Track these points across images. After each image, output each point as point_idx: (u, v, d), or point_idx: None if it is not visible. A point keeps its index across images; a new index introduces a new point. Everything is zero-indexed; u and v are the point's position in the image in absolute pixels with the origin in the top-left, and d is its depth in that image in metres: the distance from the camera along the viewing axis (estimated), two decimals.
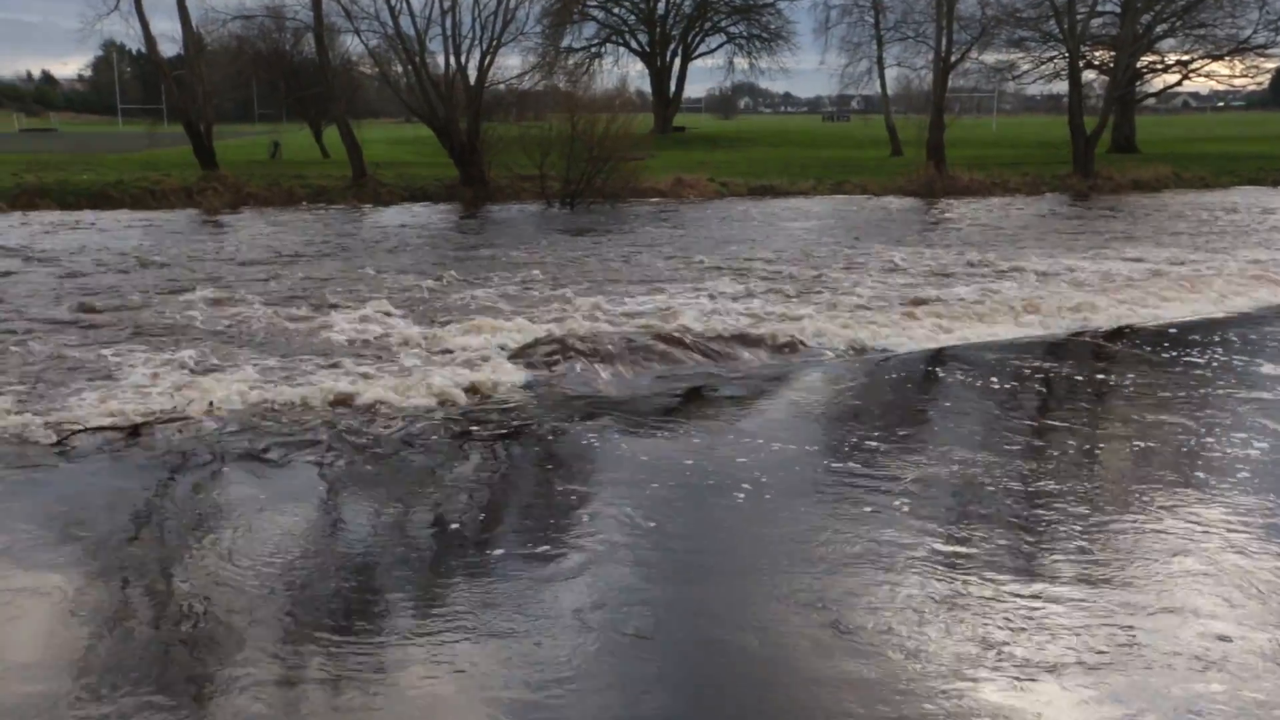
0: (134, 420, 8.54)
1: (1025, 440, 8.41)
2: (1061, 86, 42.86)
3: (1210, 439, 8.13)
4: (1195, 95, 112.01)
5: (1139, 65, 44.70)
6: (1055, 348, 11.93)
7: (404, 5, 30.98)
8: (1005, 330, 12.59)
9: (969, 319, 12.92)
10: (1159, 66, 48.39)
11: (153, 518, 6.81)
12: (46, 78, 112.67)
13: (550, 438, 8.44)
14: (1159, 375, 10.41)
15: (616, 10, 64.68)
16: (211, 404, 8.95)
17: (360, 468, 7.67)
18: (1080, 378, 10.46)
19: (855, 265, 17.41)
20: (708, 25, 66.19)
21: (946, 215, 27.01)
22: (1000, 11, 40.00)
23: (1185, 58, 47.61)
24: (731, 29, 66.63)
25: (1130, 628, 5.09)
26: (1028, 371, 10.74)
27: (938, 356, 11.42)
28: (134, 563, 6.00)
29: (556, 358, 10.63)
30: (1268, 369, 10.56)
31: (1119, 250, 19.47)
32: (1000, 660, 4.79)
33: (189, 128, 33.92)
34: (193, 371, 10.04)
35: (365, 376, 9.88)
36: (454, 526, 6.60)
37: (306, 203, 28.91)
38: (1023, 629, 5.08)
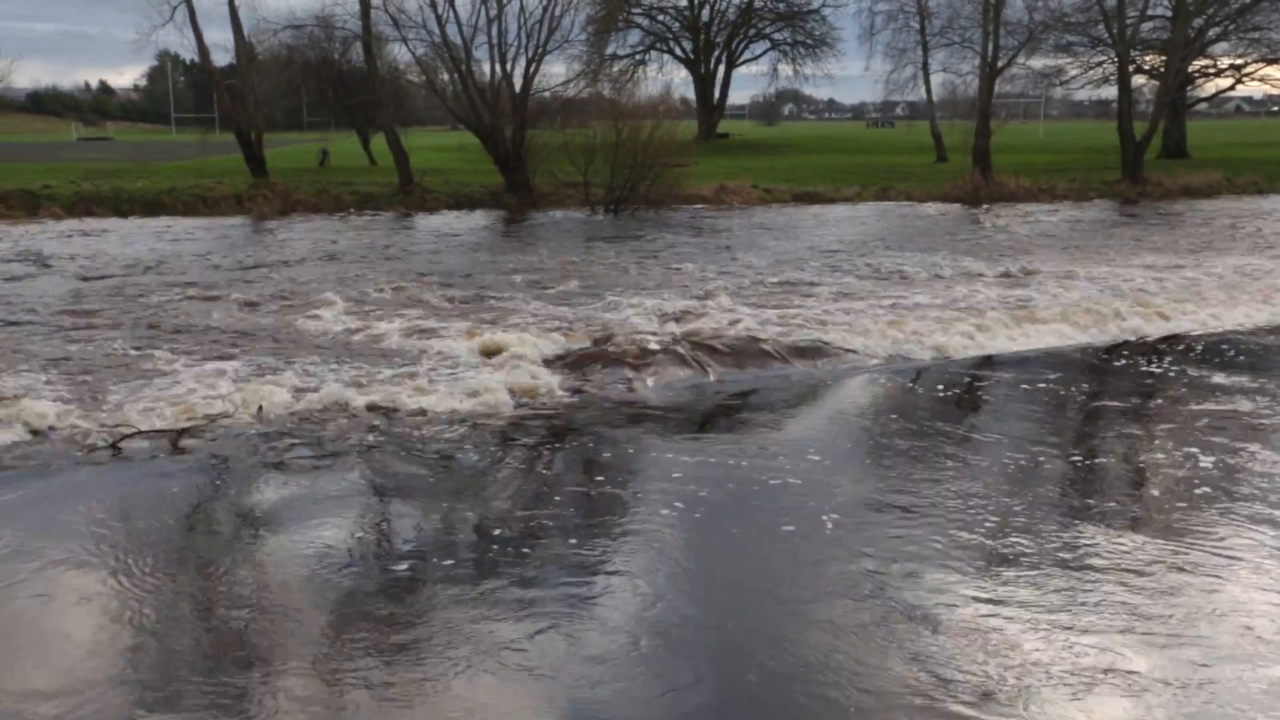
0: (183, 423, 8.67)
1: (1066, 448, 8.30)
2: (1110, 91, 42.40)
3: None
4: (1249, 100, 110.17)
5: (1190, 69, 44.02)
6: (1099, 356, 11.77)
7: (450, 14, 31.24)
8: (1050, 338, 12.44)
9: (1012, 326, 12.78)
10: (1211, 71, 47.71)
11: (200, 517, 6.90)
12: (103, 88, 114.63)
13: (591, 443, 8.46)
14: (1207, 385, 10.24)
15: (661, 18, 64.70)
16: (259, 407, 9.07)
17: (403, 470, 7.72)
18: (1123, 386, 10.32)
19: (897, 272, 17.28)
20: (752, 32, 66.03)
21: (992, 222, 26.73)
22: (1048, 16, 39.53)
23: (1238, 61, 46.93)
24: (776, 35, 66.43)
25: (1175, 636, 5.02)
26: (1070, 380, 10.61)
27: (980, 365, 11.32)
28: (181, 559, 6.10)
29: (598, 364, 10.66)
30: None
31: (1165, 257, 19.18)
32: (1036, 667, 4.74)
33: (240, 136, 34.37)
34: (240, 376, 10.17)
35: (408, 381, 9.95)
36: (497, 529, 6.62)
37: (354, 209, 29.14)
38: (1061, 636, 5.02)
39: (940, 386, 10.48)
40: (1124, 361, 11.50)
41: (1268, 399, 9.54)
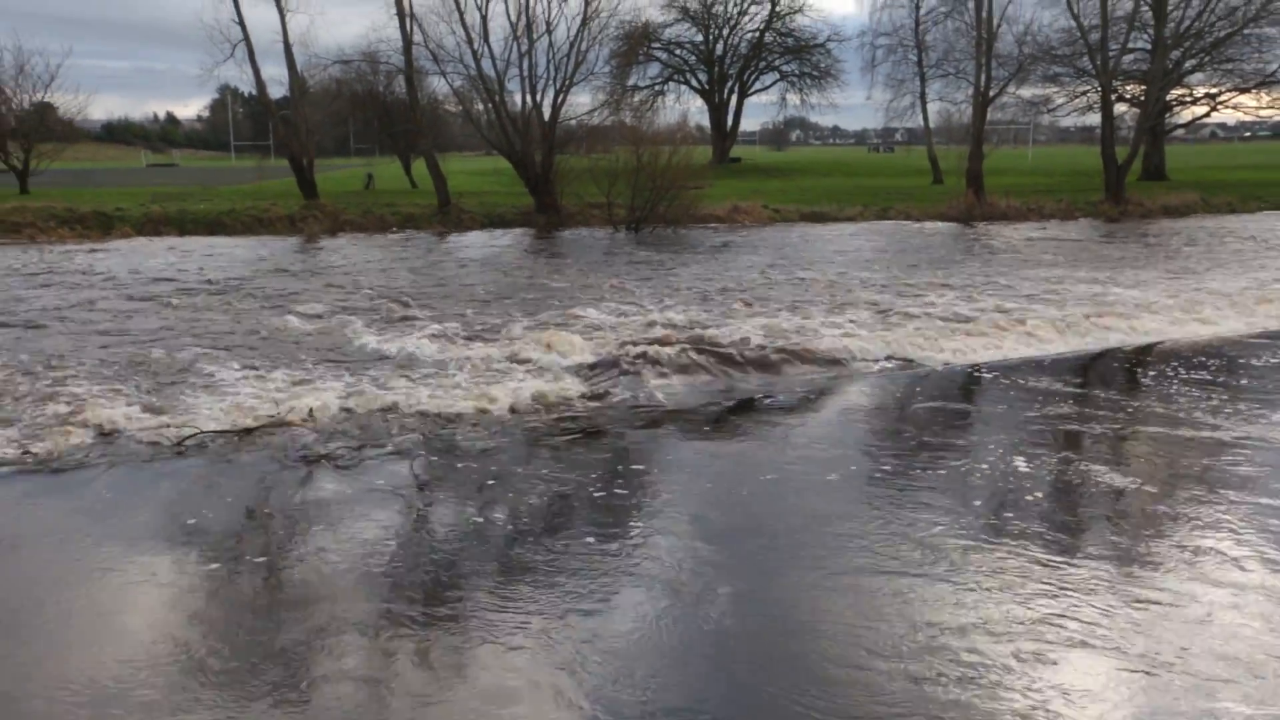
0: (242, 425, 8.73)
1: (1058, 447, 8.24)
2: (1094, 118, 42.08)
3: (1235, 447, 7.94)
4: (1223, 126, 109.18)
5: (1168, 98, 43.83)
6: (1081, 363, 11.69)
7: (485, 49, 31.38)
8: (1043, 347, 12.37)
9: (1006, 335, 12.71)
10: (1188, 99, 47.50)
11: (256, 511, 6.93)
12: (170, 118, 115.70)
13: (614, 444, 8.46)
14: (1185, 388, 10.15)
15: (678, 52, 64.82)
16: (310, 411, 9.11)
17: (441, 469, 7.75)
18: (1110, 390, 10.24)
19: (896, 283, 17.22)
20: (762, 64, 66.02)
21: (984, 239, 26.62)
22: (1036, 49, 39.43)
23: (1213, 91, 46.70)
24: (784, 67, 66.37)
25: (1157, 622, 4.98)
26: (1060, 385, 10.53)
27: (977, 371, 11.26)
28: (239, 550, 6.13)
29: (619, 370, 10.66)
30: None
31: (1147, 272, 19.05)
32: (1030, 651, 4.71)
33: (293, 161, 34.56)
34: (293, 382, 10.23)
35: (446, 387, 10.00)
36: (526, 519, 6.63)
37: (396, 229, 29.27)
38: (1053, 620, 4.98)
39: (933, 391, 10.43)
40: (1103, 369, 11.43)
41: (1234, 399, 9.45)
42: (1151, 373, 11.04)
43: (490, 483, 7.47)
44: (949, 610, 5.18)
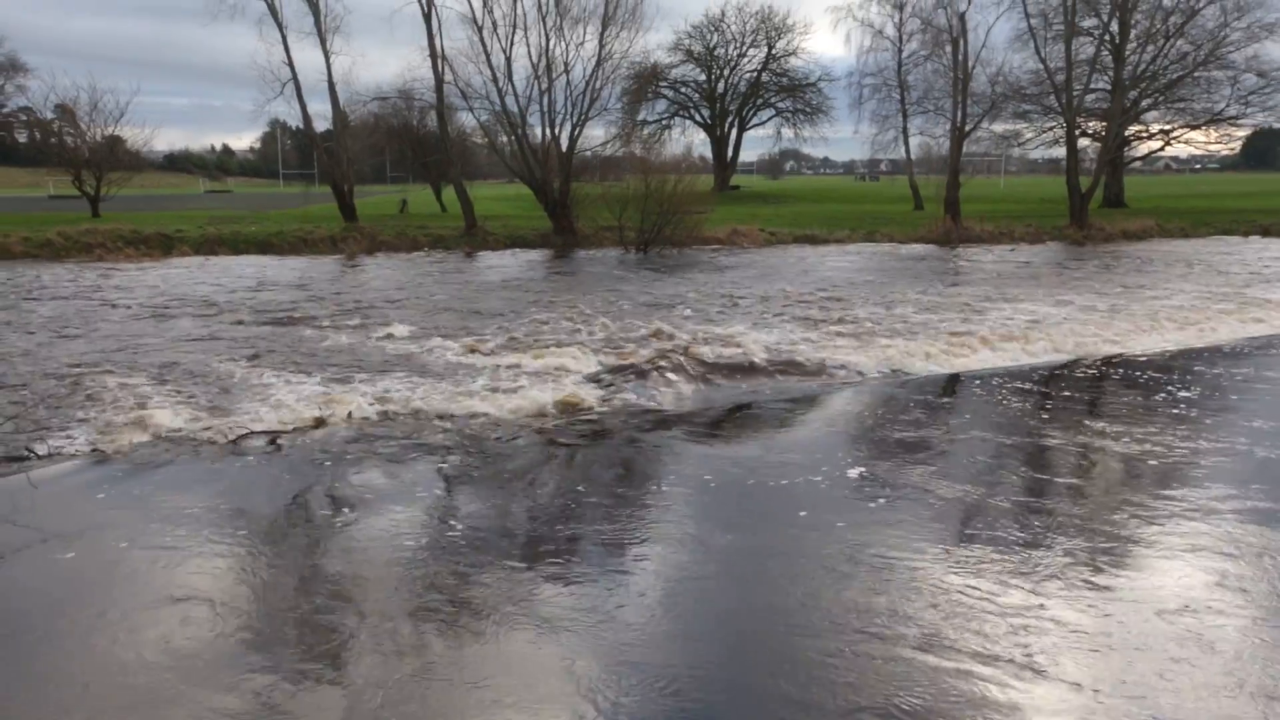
0: (288, 425, 8.75)
1: (1028, 449, 8.22)
2: (1060, 151, 42.11)
3: (1191, 447, 7.91)
4: (1176, 159, 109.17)
5: (1127, 134, 43.88)
6: (1052, 372, 11.65)
7: (509, 87, 31.48)
8: (1014, 357, 12.34)
9: (981, 347, 12.68)
10: (1144, 135, 47.69)
11: (302, 500, 6.95)
12: (225, 150, 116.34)
13: (625, 445, 8.45)
14: (1144, 395, 10.11)
15: (683, 90, 65.02)
16: (349, 414, 9.14)
17: (468, 467, 7.75)
18: (1077, 396, 10.20)
19: (881, 300, 17.20)
20: (759, 101, 66.19)
21: (960, 260, 26.57)
22: (1007, 89, 39.41)
23: (1167, 127, 47.06)
24: (779, 104, 66.54)
25: (1124, 616, 4.95)
26: (1029, 392, 10.50)
27: (957, 379, 11.23)
28: (286, 537, 6.15)
29: (628, 378, 10.66)
30: (1239, 397, 10.21)
31: (1107, 289, 19.00)
32: (1006, 646, 4.69)
33: (335, 188, 34.73)
34: (333, 387, 10.26)
35: (472, 391, 10.01)
36: (544, 511, 6.63)
37: (427, 249, 29.33)
38: (1026, 620, 4.96)
39: (916, 397, 10.39)
40: (1072, 376, 11.38)
41: (1191, 407, 9.42)
42: (1107, 380, 11.01)
43: (511, 478, 7.47)
44: (928, 592, 5.17)
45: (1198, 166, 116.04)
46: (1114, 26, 38.13)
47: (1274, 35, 41.08)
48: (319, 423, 8.87)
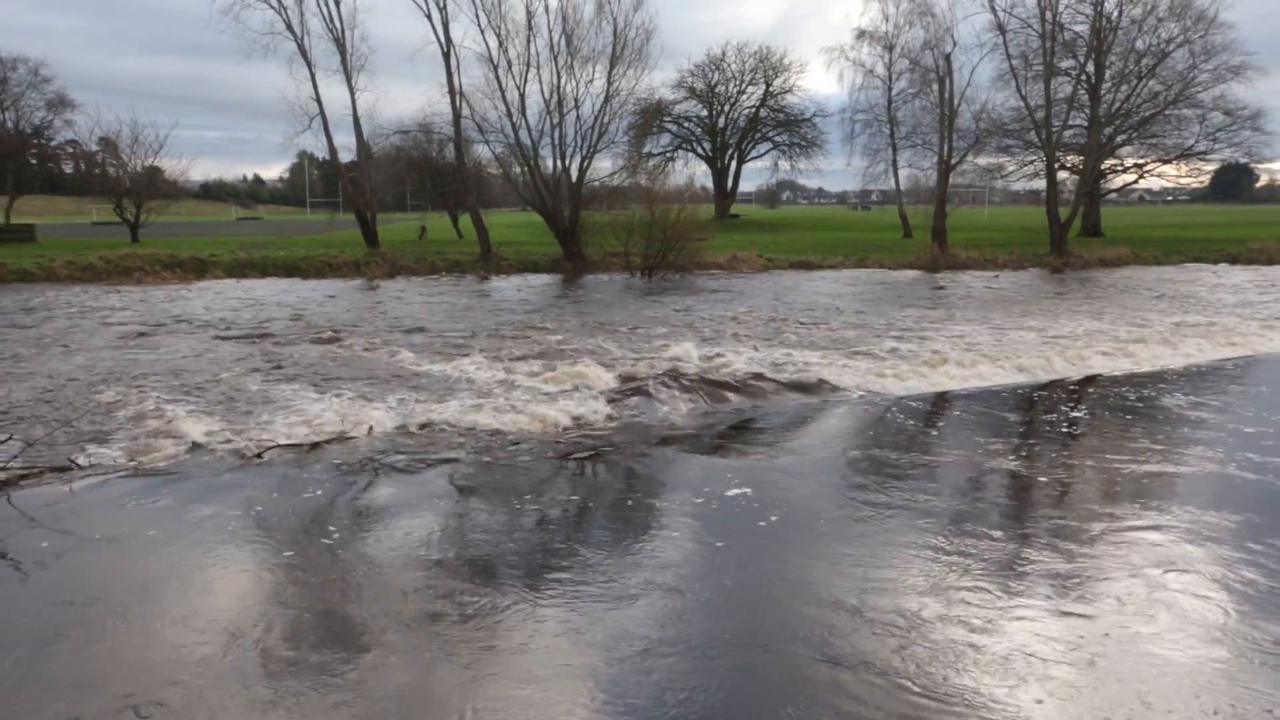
0: (311, 439, 8.72)
1: (1003, 463, 8.16)
2: (1040, 183, 42.12)
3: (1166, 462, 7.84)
4: (1149, 191, 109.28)
5: (1103, 167, 43.94)
6: (1032, 392, 11.58)
7: (522, 121, 31.64)
8: (996, 377, 12.28)
9: (966, 366, 12.63)
10: (1119, 168, 47.81)
11: (325, 509, 6.90)
12: (256, 179, 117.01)
13: (630, 457, 8.40)
14: (1121, 413, 10.04)
15: (686, 124, 65.27)
16: (370, 428, 9.10)
17: (483, 478, 7.71)
18: (1055, 414, 10.13)
19: (869, 323, 17.17)
20: (758, 135, 66.42)
21: (947, 285, 26.54)
22: (991, 125, 39.64)
23: (1141, 161, 47.30)
24: (776, 138, 66.77)
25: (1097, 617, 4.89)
26: (1011, 409, 10.44)
27: (944, 397, 11.17)
28: (308, 548, 6.10)
29: (635, 395, 10.62)
30: (1210, 413, 10.13)
31: (1083, 314, 18.95)
32: (984, 647, 4.62)
33: (358, 215, 34.85)
34: (355, 402, 10.23)
35: (486, 406, 9.97)
36: (555, 521, 6.57)
37: (445, 273, 29.39)
38: (1004, 612, 4.90)
39: (904, 415, 10.34)
40: (1052, 396, 11.31)
41: (1166, 425, 9.35)
42: (1079, 399, 10.94)
43: (525, 489, 7.42)
44: (915, 594, 5.10)
45: (1169, 198, 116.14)
46: (1090, 67, 38.30)
47: (1239, 77, 41.49)
48: (341, 436, 8.83)
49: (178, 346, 14.18)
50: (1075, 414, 10.20)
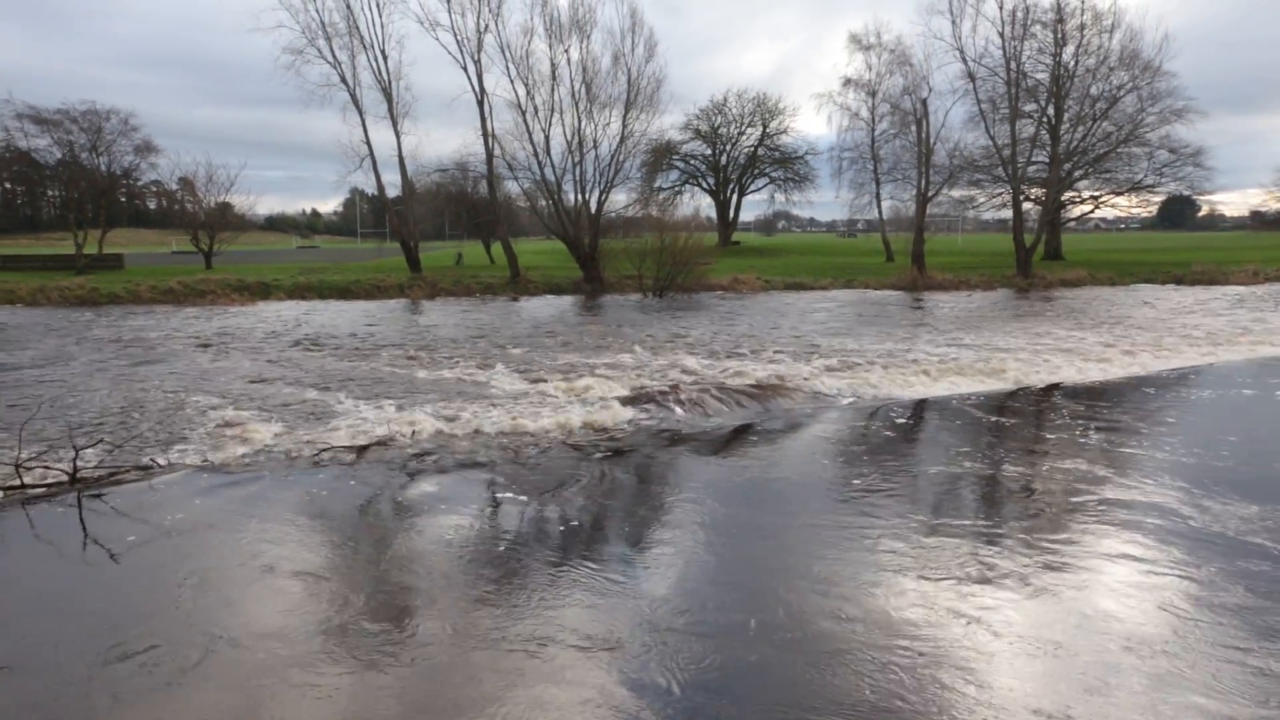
0: (361, 442, 8.73)
1: (987, 462, 8.08)
2: (1007, 213, 41.94)
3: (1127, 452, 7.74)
4: (1104, 219, 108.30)
5: (1063, 198, 43.82)
6: (1002, 397, 11.48)
7: (547, 160, 31.80)
8: (973, 384, 12.19)
9: (947, 375, 12.55)
10: (1077, 199, 47.78)
11: (374, 505, 6.91)
12: (314, 212, 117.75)
13: (645, 459, 8.37)
14: (1082, 416, 9.94)
15: (692, 162, 65.31)
16: (413, 432, 9.11)
17: (514, 477, 7.69)
18: (1026, 417, 10.04)
19: (857, 338, 17.09)
20: (756, 171, 66.34)
21: (926, 303, 26.42)
22: (963, 161, 39.72)
23: (1096, 193, 47.38)
24: (773, 174, 66.65)
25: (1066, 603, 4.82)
26: (982, 415, 10.35)
27: (923, 403, 11.10)
28: (359, 537, 6.10)
29: (648, 402, 10.59)
30: (1167, 424, 10.02)
31: (1051, 329, 18.80)
32: (967, 629, 4.57)
33: (403, 244, 35.01)
34: (400, 409, 10.25)
35: (518, 414, 9.96)
36: (579, 515, 6.55)
37: (479, 294, 29.48)
38: (970, 588, 4.84)
39: (890, 419, 10.27)
40: (1019, 402, 11.22)
41: (1123, 430, 9.25)
42: (1047, 402, 10.85)
43: (550, 486, 7.40)
44: (910, 589, 5.05)
45: (1122, 226, 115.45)
46: (1050, 111, 38.17)
47: (1182, 119, 41.67)
48: (388, 440, 8.84)
49: (245, 359, 14.25)
50: (1037, 416, 10.11)
